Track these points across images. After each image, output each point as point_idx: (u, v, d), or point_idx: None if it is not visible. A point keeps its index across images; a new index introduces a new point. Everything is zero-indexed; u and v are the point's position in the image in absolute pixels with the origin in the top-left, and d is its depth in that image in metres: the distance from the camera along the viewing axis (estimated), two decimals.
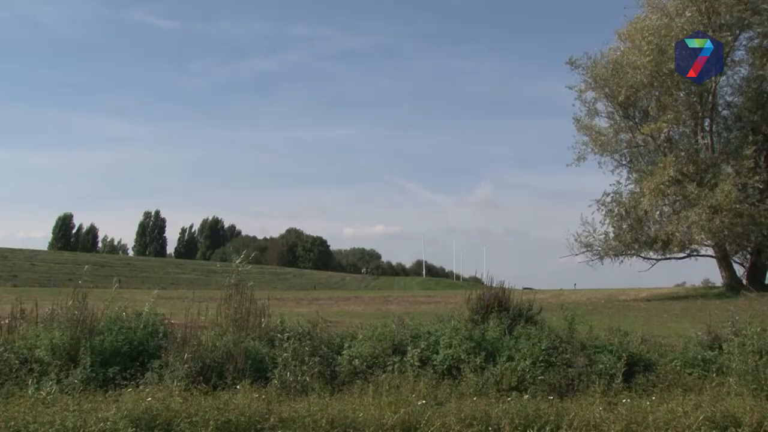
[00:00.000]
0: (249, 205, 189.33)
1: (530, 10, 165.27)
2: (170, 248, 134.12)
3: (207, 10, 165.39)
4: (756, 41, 31.74)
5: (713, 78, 31.33)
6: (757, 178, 29.14)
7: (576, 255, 34.27)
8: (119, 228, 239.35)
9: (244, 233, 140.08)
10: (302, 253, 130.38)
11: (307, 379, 9.40)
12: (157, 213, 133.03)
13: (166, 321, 11.18)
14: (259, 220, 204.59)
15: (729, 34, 30.75)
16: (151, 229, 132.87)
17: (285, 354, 9.78)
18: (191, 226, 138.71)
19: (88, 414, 7.37)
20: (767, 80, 29.87)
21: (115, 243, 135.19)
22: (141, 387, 8.58)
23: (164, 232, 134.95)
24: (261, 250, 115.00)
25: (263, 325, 11.18)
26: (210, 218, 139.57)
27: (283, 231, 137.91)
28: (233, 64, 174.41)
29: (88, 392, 8.41)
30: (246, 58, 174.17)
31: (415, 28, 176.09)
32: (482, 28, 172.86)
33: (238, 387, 8.73)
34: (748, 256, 33.49)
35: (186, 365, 9.21)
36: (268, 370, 9.72)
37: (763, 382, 9.33)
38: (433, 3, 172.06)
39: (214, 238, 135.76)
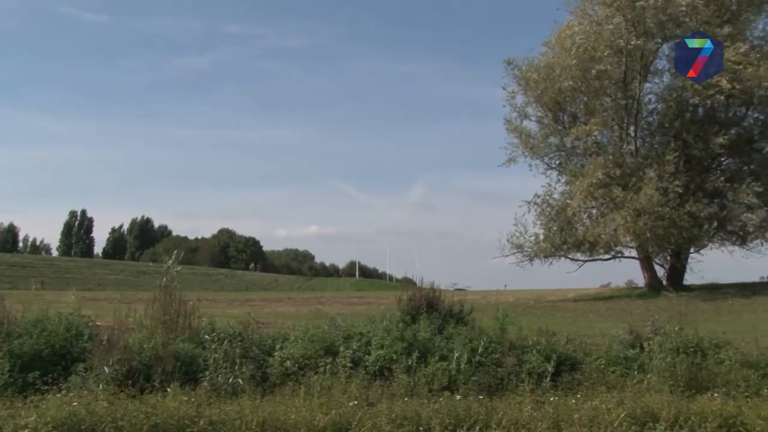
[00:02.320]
0: (181, 206, 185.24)
1: (466, 13, 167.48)
2: (98, 249, 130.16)
3: (139, 5, 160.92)
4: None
5: (637, 85, 32.53)
6: (677, 182, 30.32)
7: (507, 256, 34.98)
8: (43, 229, 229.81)
9: (175, 233, 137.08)
10: (235, 253, 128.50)
11: (238, 381, 9.28)
12: (84, 212, 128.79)
13: (92, 323, 10.84)
14: (192, 221, 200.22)
15: (653, 43, 31.94)
16: (77, 229, 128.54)
17: (215, 356, 9.63)
18: (120, 226, 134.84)
19: (5, 421, 7.09)
20: (687, 89, 31.07)
21: (38, 243, 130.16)
22: (64, 392, 8.27)
23: (91, 232, 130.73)
24: (192, 250, 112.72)
25: (193, 327, 10.97)
26: (140, 218, 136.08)
27: (215, 231, 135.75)
28: (166, 62, 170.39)
29: (6, 398, 8.08)
30: (179, 56, 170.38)
31: (351, 30, 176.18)
32: (418, 31, 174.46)
33: (168, 390, 8.54)
34: (669, 258, 34.79)
35: (112, 368, 8.95)
36: (198, 372, 9.54)
37: (680, 378, 9.75)
38: (370, 5, 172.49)
39: (144, 238, 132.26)
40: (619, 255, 35.42)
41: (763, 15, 32.62)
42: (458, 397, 8.91)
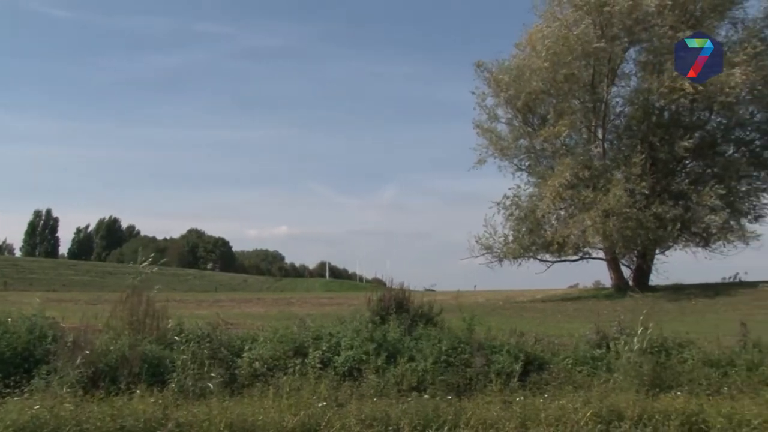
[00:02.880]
0: (150, 206, 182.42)
1: (440, 15, 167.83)
2: (64, 249, 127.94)
3: (109, 2, 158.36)
4: (643, 56, 33.62)
5: (605, 88, 33.00)
6: (644, 184, 30.78)
7: (476, 257, 35.16)
8: (6, 229, 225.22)
9: (143, 234, 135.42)
10: (204, 254, 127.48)
11: (207, 382, 9.22)
12: (49, 212, 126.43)
13: (56, 324, 10.68)
14: (161, 221, 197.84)
15: (620, 46, 32.42)
16: (42, 228, 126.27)
17: (183, 357, 9.56)
18: (87, 226, 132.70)
19: None
20: (653, 93, 31.59)
21: (0, 243, 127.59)
22: (27, 395, 8.12)
23: (56, 232, 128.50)
24: (161, 250, 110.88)
25: (161, 328, 10.87)
26: (107, 218, 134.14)
27: (184, 232, 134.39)
28: (135, 60, 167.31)
29: None
30: (149, 54, 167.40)
31: (325, 30, 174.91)
32: (392, 31, 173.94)
33: (136, 392, 8.45)
34: (635, 259, 35.30)
35: (77, 371, 8.82)
36: (165, 374, 9.46)
37: (644, 377, 9.92)
38: (344, 6, 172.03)
39: (111, 238, 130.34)
40: (587, 256, 35.85)
41: (725, 21, 33.28)
42: (427, 397, 8.97)
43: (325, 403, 8.36)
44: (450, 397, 9.06)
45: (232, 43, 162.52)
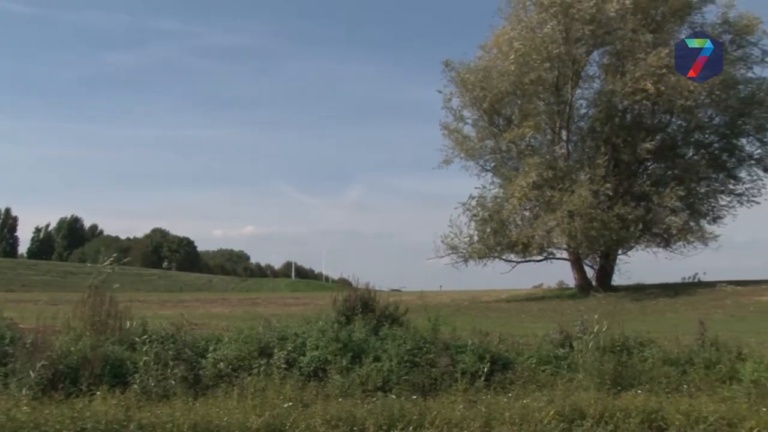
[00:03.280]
0: (113, 205, 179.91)
1: (406, 15, 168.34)
2: (23, 249, 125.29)
3: None
4: (607, 59, 34.16)
5: (569, 90, 33.44)
6: (607, 185, 31.27)
7: (442, 257, 35.31)
8: None
9: (106, 233, 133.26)
10: (168, 254, 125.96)
11: (170, 383, 9.13)
12: (8, 211, 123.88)
13: (15, 325, 10.46)
14: (124, 220, 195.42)
15: (584, 49, 32.89)
16: (0, 228, 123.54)
17: (146, 358, 9.44)
18: (47, 226, 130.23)
19: None
20: (616, 95, 32.11)
21: None
22: None
23: (15, 231, 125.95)
24: (124, 250, 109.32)
25: (124, 328, 10.73)
26: (69, 217, 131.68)
27: (148, 231, 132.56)
28: (96, 57, 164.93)
29: None
30: (111, 51, 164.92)
31: (290, 29, 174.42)
32: (358, 31, 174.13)
33: (97, 394, 8.31)
34: (598, 259, 35.81)
35: (37, 373, 8.66)
36: (128, 375, 9.34)
37: (606, 376, 10.06)
38: (309, 4, 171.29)
39: (73, 238, 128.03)
40: (551, 256, 36.25)
41: (685, 26, 34.00)
42: (392, 397, 9.00)
43: (290, 404, 8.33)
44: (415, 397, 9.09)
45: (195, 41, 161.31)
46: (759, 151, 34.08)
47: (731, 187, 34.69)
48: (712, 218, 34.37)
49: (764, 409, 8.70)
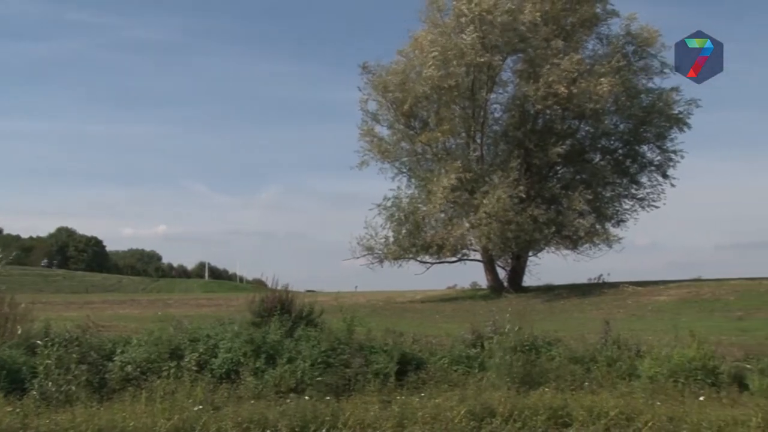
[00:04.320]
0: (15, 202, 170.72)
1: (327, 16, 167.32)
2: None
3: None
4: (520, 65, 35.10)
5: (484, 95, 34.14)
6: (521, 188, 32.08)
7: (358, 258, 35.32)
8: None
9: (7, 232, 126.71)
10: (75, 253, 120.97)
11: (73, 388, 8.79)
12: None
13: None
14: (27, 219, 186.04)
15: (499, 56, 33.66)
16: None
17: (47, 362, 9.05)
18: None
19: None
20: (529, 101, 33.03)
21: None
22: None
23: None
24: (26, 249, 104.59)
25: (24, 332, 10.24)
26: None
27: (53, 230, 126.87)
28: (3, 47, 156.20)
29: None
30: (19, 41, 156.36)
31: (209, 25, 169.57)
32: (278, 31, 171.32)
33: None
34: (510, 261, 36.68)
35: None
36: (26, 380, 8.93)
37: (515, 375, 10.35)
38: (230, 1, 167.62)
39: None
40: (465, 258, 36.82)
41: (593, 36, 35.38)
42: (306, 398, 8.96)
43: (200, 407, 8.19)
44: (329, 398, 9.11)
45: (111, 34, 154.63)
46: (659, 157, 35.70)
47: (633, 191, 36.20)
48: (616, 221, 35.77)
49: (658, 403, 9.16)
